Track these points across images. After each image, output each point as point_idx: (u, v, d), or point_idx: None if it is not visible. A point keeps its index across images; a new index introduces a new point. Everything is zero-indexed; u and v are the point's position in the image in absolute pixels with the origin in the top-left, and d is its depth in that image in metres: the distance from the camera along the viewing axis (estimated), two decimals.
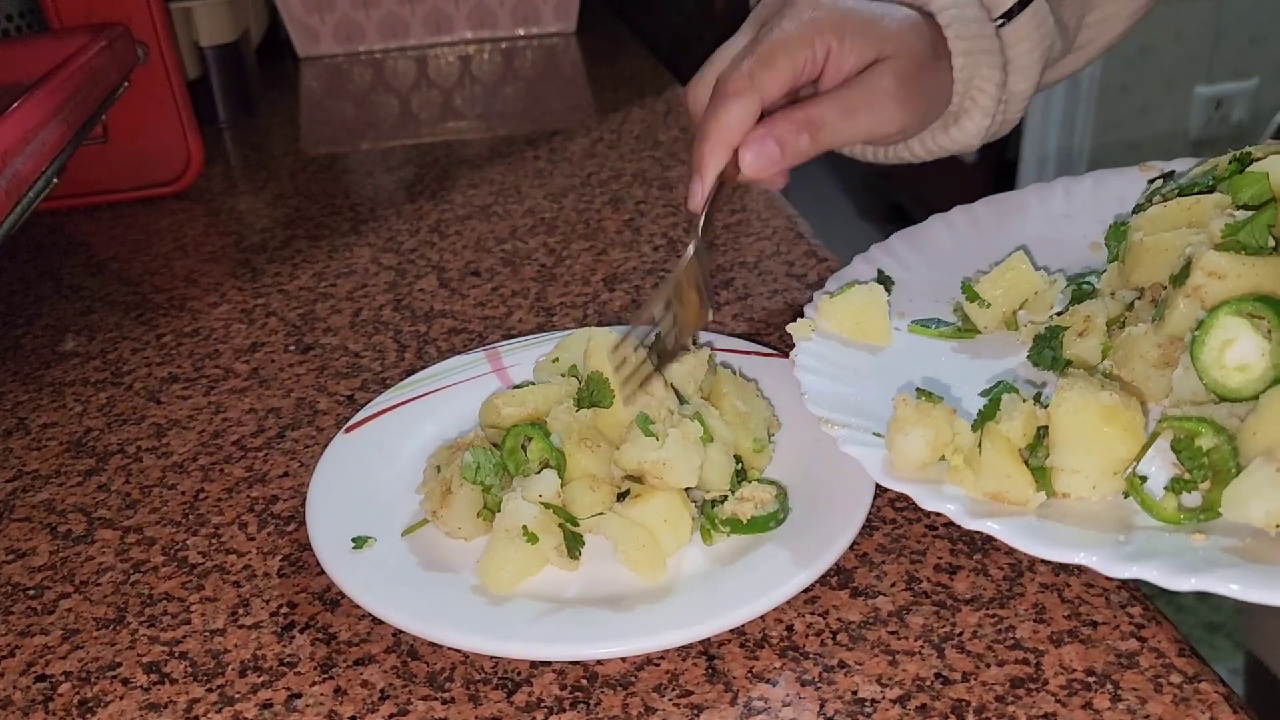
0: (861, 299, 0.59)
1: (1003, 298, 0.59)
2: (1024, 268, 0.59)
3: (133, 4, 0.91)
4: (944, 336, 0.60)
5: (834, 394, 0.53)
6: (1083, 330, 0.54)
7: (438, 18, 1.42)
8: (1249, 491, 0.43)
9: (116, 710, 0.45)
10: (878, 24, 0.56)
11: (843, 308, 0.59)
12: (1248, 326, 0.47)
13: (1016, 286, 0.59)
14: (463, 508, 0.49)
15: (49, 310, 0.81)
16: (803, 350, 0.57)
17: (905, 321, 0.61)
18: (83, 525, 0.56)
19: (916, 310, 0.61)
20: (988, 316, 0.59)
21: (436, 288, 0.79)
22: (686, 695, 0.43)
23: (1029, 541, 0.43)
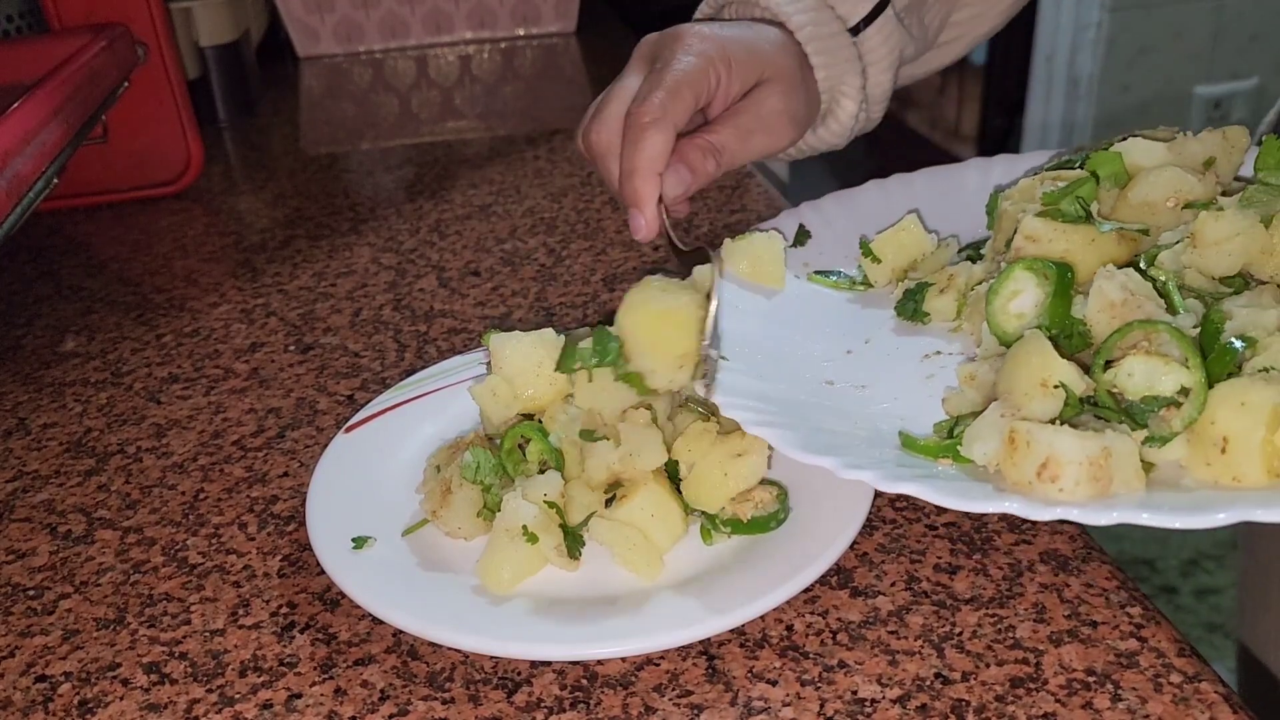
0: (761, 244, 0.62)
1: (894, 255, 0.63)
2: (915, 229, 0.63)
3: (133, 4, 0.91)
4: (837, 287, 0.64)
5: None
6: (944, 288, 0.59)
7: (438, 17, 1.42)
8: (976, 432, 0.46)
9: (116, 710, 0.45)
10: (755, 50, 0.61)
11: (743, 250, 0.62)
12: (1034, 280, 0.52)
13: (906, 246, 0.63)
14: (462, 508, 0.49)
15: (49, 310, 0.81)
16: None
17: (809, 271, 0.65)
18: (83, 525, 0.56)
19: (826, 264, 0.65)
20: (879, 272, 0.63)
21: (436, 287, 0.79)
22: (686, 695, 0.43)
23: (793, 449, 0.46)
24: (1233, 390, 0.43)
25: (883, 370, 0.56)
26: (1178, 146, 0.59)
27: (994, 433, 0.45)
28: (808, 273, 0.65)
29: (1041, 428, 0.44)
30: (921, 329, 0.59)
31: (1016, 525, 0.50)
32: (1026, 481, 0.43)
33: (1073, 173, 0.59)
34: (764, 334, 0.58)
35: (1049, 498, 0.43)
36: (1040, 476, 0.43)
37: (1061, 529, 0.50)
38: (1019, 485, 0.44)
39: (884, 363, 0.57)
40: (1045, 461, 0.43)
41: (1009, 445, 0.44)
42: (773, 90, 0.61)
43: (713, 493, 0.49)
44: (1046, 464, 0.43)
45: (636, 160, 0.56)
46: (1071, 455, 0.43)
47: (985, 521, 0.51)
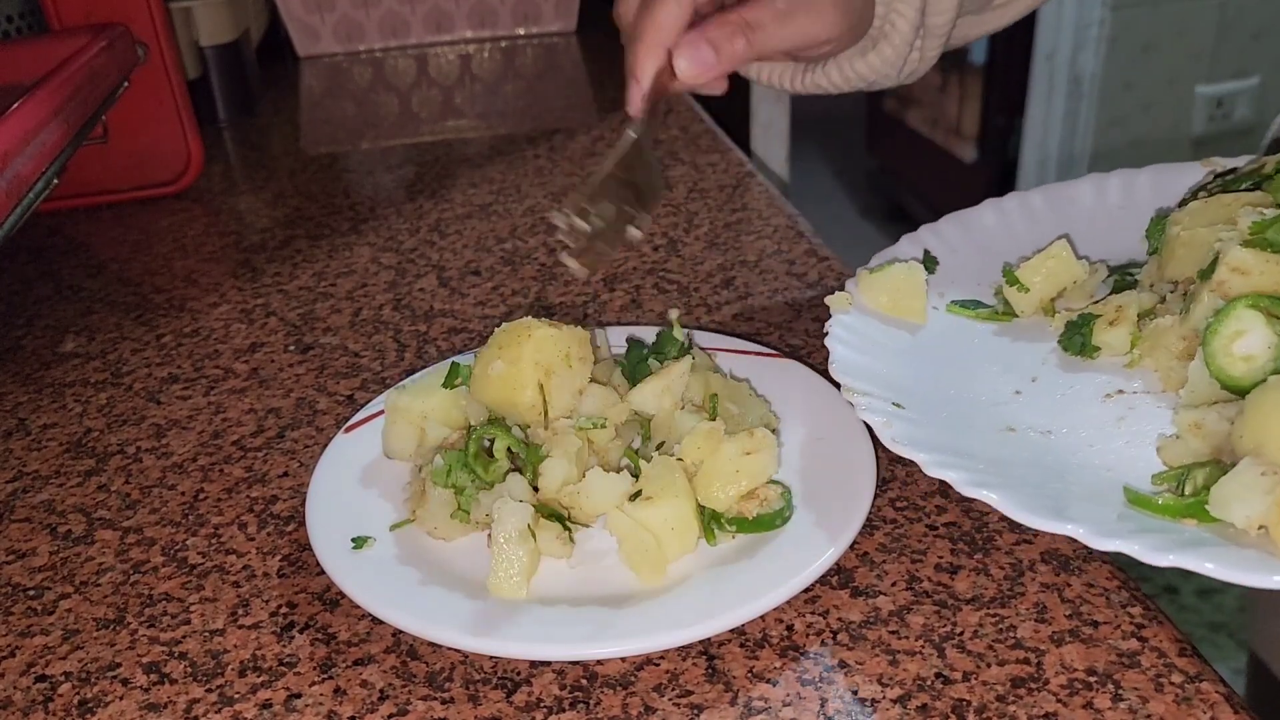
0: (901, 276, 0.59)
1: (1042, 284, 0.59)
2: (1065, 255, 0.59)
3: (133, 4, 0.91)
4: (981, 318, 0.60)
5: (861, 366, 0.54)
6: (1114, 319, 0.55)
7: (438, 16, 1.42)
8: (1232, 493, 0.43)
9: (116, 710, 0.44)
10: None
11: (881, 284, 0.59)
12: (1261, 320, 0.47)
13: (1056, 273, 0.59)
14: (438, 509, 0.49)
15: (49, 311, 0.81)
16: (837, 322, 0.57)
17: (945, 301, 0.61)
18: (83, 526, 0.56)
19: (958, 292, 0.62)
20: (1026, 301, 0.59)
21: (436, 287, 0.79)
22: (686, 695, 0.43)
23: (1022, 513, 0.43)
24: None
25: (1063, 413, 0.52)
26: None
27: (1254, 492, 0.42)
28: (945, 303, 0.61)
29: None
30: (1090, 365, 0.55)
31: (1017, 525, 0.50)
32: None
33: (1253, 194, 0.55)
34: (918, 375, 0.54)
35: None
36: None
37: None
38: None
39: (1061, 404, 0.53)
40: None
41: (1278, 507, 0.41)
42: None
43: (723, 490, 0.48)
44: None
45: (643, 28, 0.53)
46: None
47: (986, 521, 0.50)
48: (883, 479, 0.54)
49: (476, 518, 0.49)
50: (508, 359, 0.52)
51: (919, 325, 0.59)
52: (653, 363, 0.56)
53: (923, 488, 0.53)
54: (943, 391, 0.54)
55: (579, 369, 0.53)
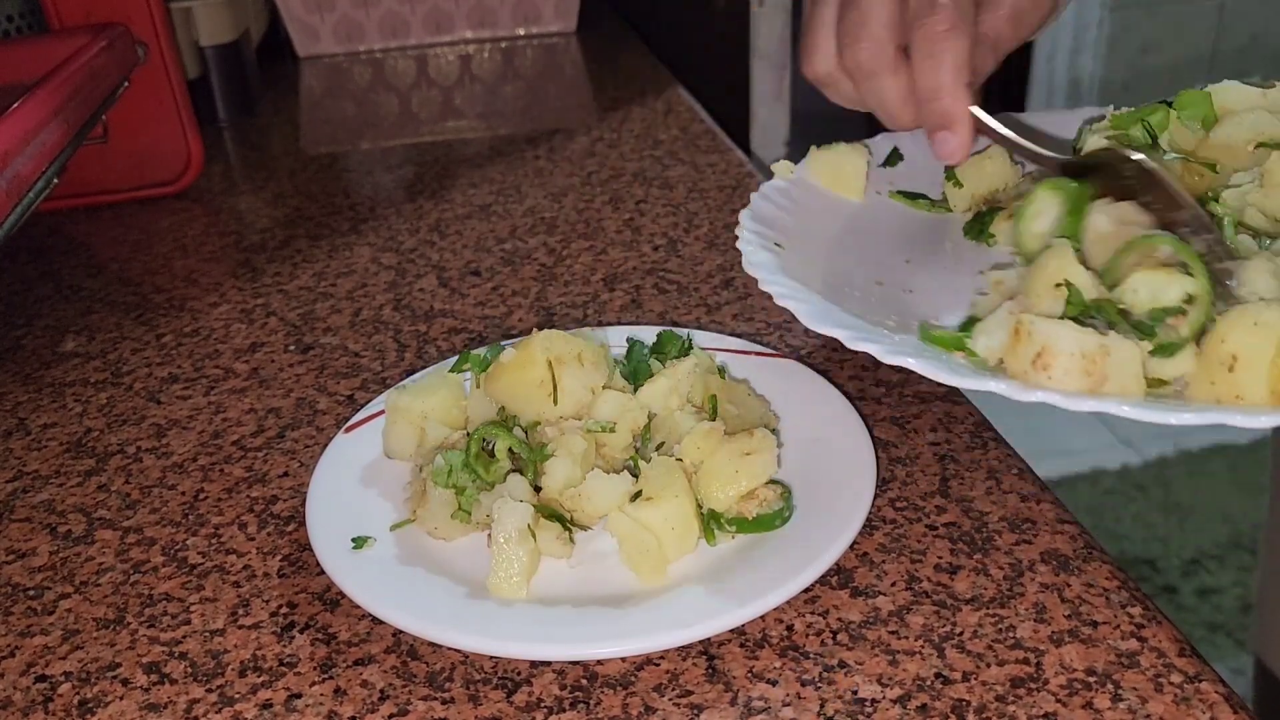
0: (844, 154, 0.65)
1: (975, 181, 0.64)
2: (999, 158, 0.64)
3: (133, 4, 0.91)
4: (916, 206, 0.66)
5: (769, 215, 0.60)
6: (1011, 213, 0.60)
7: (438, 17, 1.42)
8: (985, 326, 0.48)
9: (116, 710, 0.45)
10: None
11: (825, 159, 0.65)
12: (1056, 200, 0.53)
13: (990, 174, 0.64)
14: (438, 509, 0.49)
15: (49, 310, 0.81)
16: (770, 184, 0.64)
17: (892, 189, 0.67)
18: (83, 525, 0.56)
19: (914, 186, 0.67)
20: (959, 196, 0.65)
21: (436, 287, 0.79)
22: (686, 695, 0.43)
23: (820, 323, 0.49)
24: (1247, 311, 0.44)
25: (935, 280, 0.58)
26: (1275, 95, 0.59)
27: (1001, 327, 0.46)
28: (890, 190, 0.67)
29: (1044, 320, 0.45)
30: (986, 250, 0.61)
31: (1017, 525, 0.50)
32: (1023, 371, 0.44)
33: (1155, 108, 0.59)
34: (828, 233, 0.61)
35: (1037, 384, 0.44)
36: (1035, 365, 0.44)
37: (1062, 529, 0.50)
38: (1016, 376, 0.45)
39: (938, 274, 0.59)
40: (1040, 351, 0.44)
41: (1013, 337, 0.45)
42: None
43: (723, 490, 0.49)
44: (1041, 353, 0.44)
45: (941, 76, 0.51)
46: (1065, 346, 0.44)
47: (986, 521, 0.51)
48: (883, 479, 0.54)
49: (477, 518, 0.49)
50: (518, 348, 0.53)
51: (855, 202, 0.65)
52: (654, 363, 0.56)
53: (923, 488, 0.53)
54: (841, 249, 0.60)
55: (591, 371, 0.53)
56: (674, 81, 1.24)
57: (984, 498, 0.52)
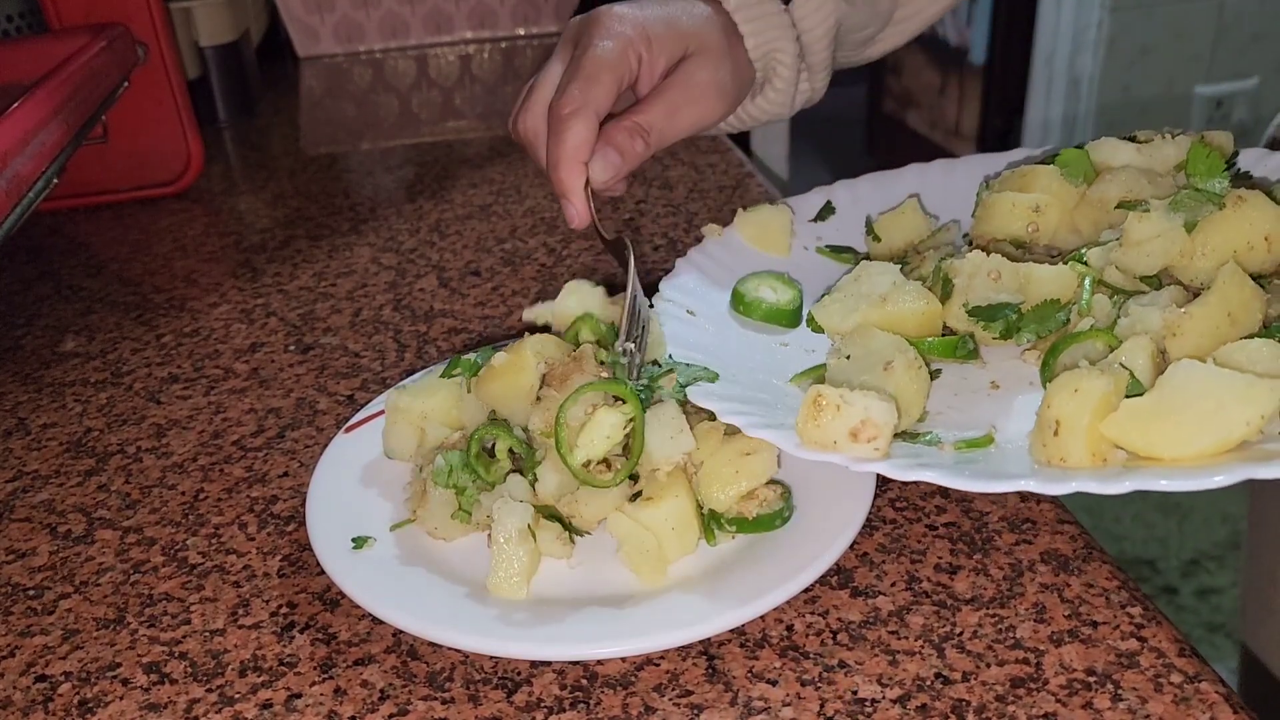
0: (768, 214, 0.68)
1: (893, 235, 0.66)
2: (913, 212, 0.66)
3: (133, 4, 0.91)
4: (841, 260, 0.67)
5: (688, 284, 0.63)
6: (915, 267, 0.62)
7: (438, 17, 1.42)
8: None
9: (116, 710, 0.44)
10: (677, 25, 0.61)
11: (751, 219, 0.68)
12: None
13: (906, 228, 0.66)
14: (438, 509, 0.49)
15: (49, 310, 0.81)
16: (698, 248, 0.66)
17: (820, 244, 0.69)
18: (83, 525, 0.56)
19: (846, 240, 0.69)
20: (879, 250, 0.67)
21: (436, 287, 0.79)
22: (686, 695, 0.43)
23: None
24: (1070, 379, 0.46)
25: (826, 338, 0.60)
26: (1150, 149, 0.61)
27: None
28: (818, 245, 0.68)
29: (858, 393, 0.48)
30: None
31: (1017, 525, 0.50)
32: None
33: (1045, 168, 0.61)
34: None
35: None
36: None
37: (1062, 529, 0.50)
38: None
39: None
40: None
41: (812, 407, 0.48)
42: (698, 63, 0.60)
43: (723, 490, 0.49)
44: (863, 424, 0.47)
45: (560, 152, 0.57)
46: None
47: (986, 521, 0.51)
48: (883, 479, 0.54)
49: (477, 519, 0.49)
50: (509, 352, 0.53)
51: (781, 258, 0.67)
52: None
53: (923, 488, 0.53)
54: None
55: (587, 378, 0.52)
56: None
57: (984, 498, 0.52)
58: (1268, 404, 0.43)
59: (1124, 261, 0.54)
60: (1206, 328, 0.49)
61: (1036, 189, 0.61)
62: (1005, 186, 0.62)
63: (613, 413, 0.49)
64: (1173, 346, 0.49)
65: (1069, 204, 0.60)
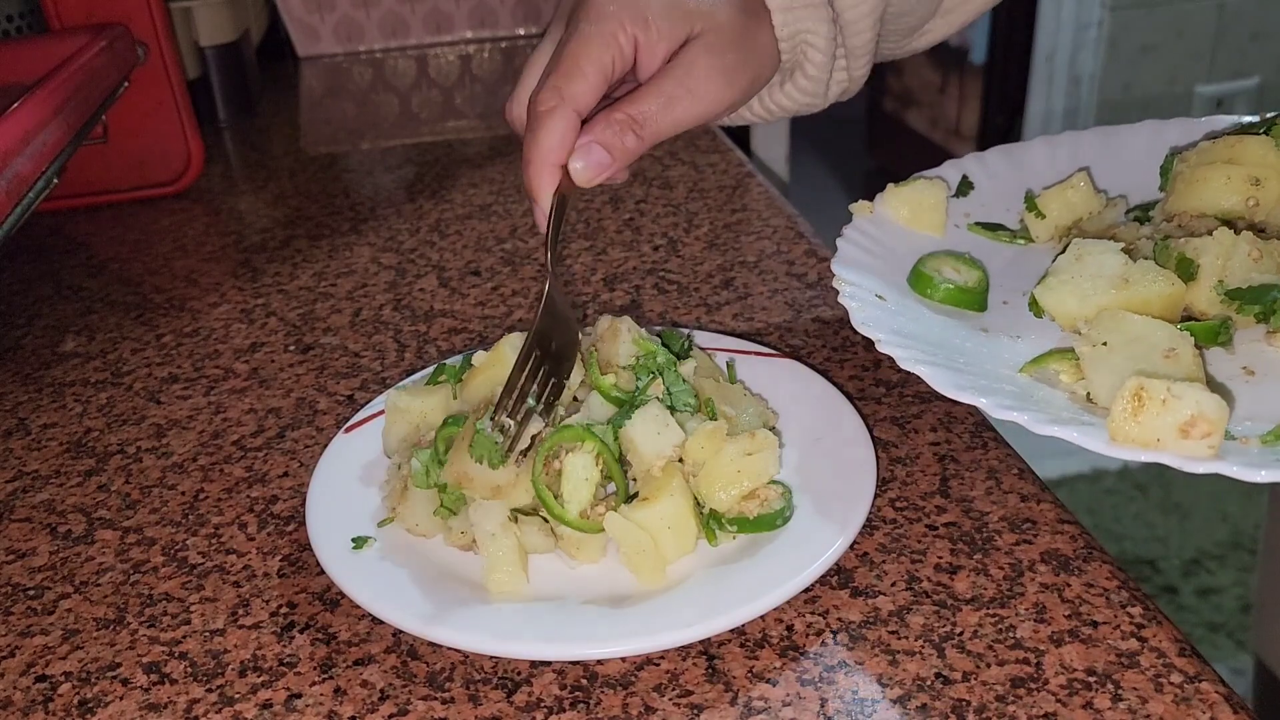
0: (922, 189, 0.64)
1: (1059, 212, 0.62)
2: (1083, 186, 0.62)
3: (133, 4, 0.91)
4: (998, 239, 0.64)
5: (861, 262, 0.59)
6: (1131, 245, 0.57)
7: (438, 17, 1.42)
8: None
9: (116, 710, 0.45)
10: (680, 3, 0.54)
11: (903, 197, 0.64)
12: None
13: (1073, 203, 0.62)
14: (419, 506, 0.50)
15: (49, 310, 0.81)
16: (852, 226, 0.62)
17: (969, 221, 0.65)
18: (83, 525, 0.56)
19: (988, 216, 0.65)
20: (1042, 227, 0.63)
21: (436, 287, 0.79)
22: (686, 695, 0.43)
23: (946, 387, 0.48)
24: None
25: (1040, 324, 0.56)
26: None
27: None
28: (968, 223, 0.65)
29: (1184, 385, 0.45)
30: None
31: (1018, 525, 0.50)
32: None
33: (1258, 137, 0.57)
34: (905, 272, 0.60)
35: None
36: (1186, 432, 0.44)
37: (1062, 529, 0.50)
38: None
39: (1031, 318, 0.57)
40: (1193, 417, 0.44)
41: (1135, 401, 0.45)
42: (703, 47, 0.54)
43: (725, 490, 0.48)
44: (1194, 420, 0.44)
45: (531, 152, 0.53)
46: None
47: (986, 521, 0.51)
48: (883, 479, 0.54)
49: (460, 542, 0.49)
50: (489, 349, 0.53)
51: (935, 238, 0.63)
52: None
53: (923, 488, 0.53)
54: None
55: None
56: None
57: (984, 498, 0.52)
58: None
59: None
60: None
61: (1248, 161, 0.57)
62: (1210, 158, 0.58)
63: (577, 455, 0.48)
64: None
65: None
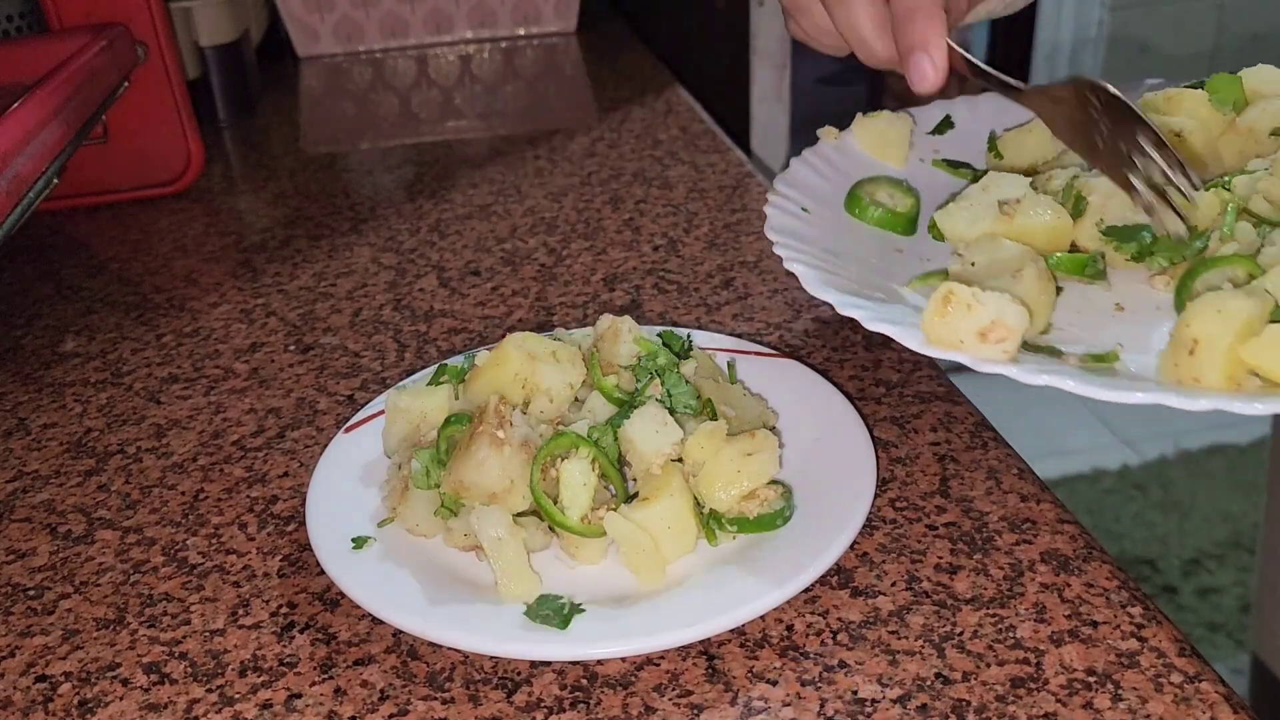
0: (888, 121, 0.67)
1: (1015, 154, 0.65)
2: (1041, 132, 0.64)
3: (133, 4, 0.91)
4: (958, 175, 0.66)
5: (804, 179, 0.62)
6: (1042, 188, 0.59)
7: (438, 17, 1.42)
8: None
9: (116, 710, 0.45)
10: None
11: (869, 126, 0.67)
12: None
13: (1030, 147, 0.65)
14: (419, 506, 0.50)
15: (49, 310, 0.81)
16: (813, 149, 0.65)
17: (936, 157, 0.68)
18: (83, 525, 0.56)
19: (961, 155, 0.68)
20: (1001, 167, 0.65)
21: (436, 287, 0.79)
22: (686, 695, 0.43)
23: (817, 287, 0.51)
24: (1214, 298, 0.45)
25: (944, 247, 0.58)
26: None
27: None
28: (935, 158, 0.68)
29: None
30: None
31: (1017, 525, 0.50)
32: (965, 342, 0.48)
33: (1194, 91, 0.59)
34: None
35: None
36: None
37: (1062, 529, 0.50)
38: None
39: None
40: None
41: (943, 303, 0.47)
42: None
43: (725, 490, 0.48)
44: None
45: (920, 3, 0.51)
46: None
47: (986, 521, 0.51)
48: (883, 479, 0.54)
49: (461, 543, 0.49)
50: (492, 350, 0.53)
51: (897, 168, 0.66)
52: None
53: (922, 488, 0.53)
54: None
55: (569, 368, 0.52)
56: (674, 81, 1.24)
57: (984, 498, 0.52)
58: None
59: (1274, 192, 0.52)
60: None
61: (1181, 113, 0.59)
62: (1147, 110, 0.60)
63: (573, 461, 0.48)
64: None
65: (1214, 131, 0.58)
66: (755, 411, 0.54)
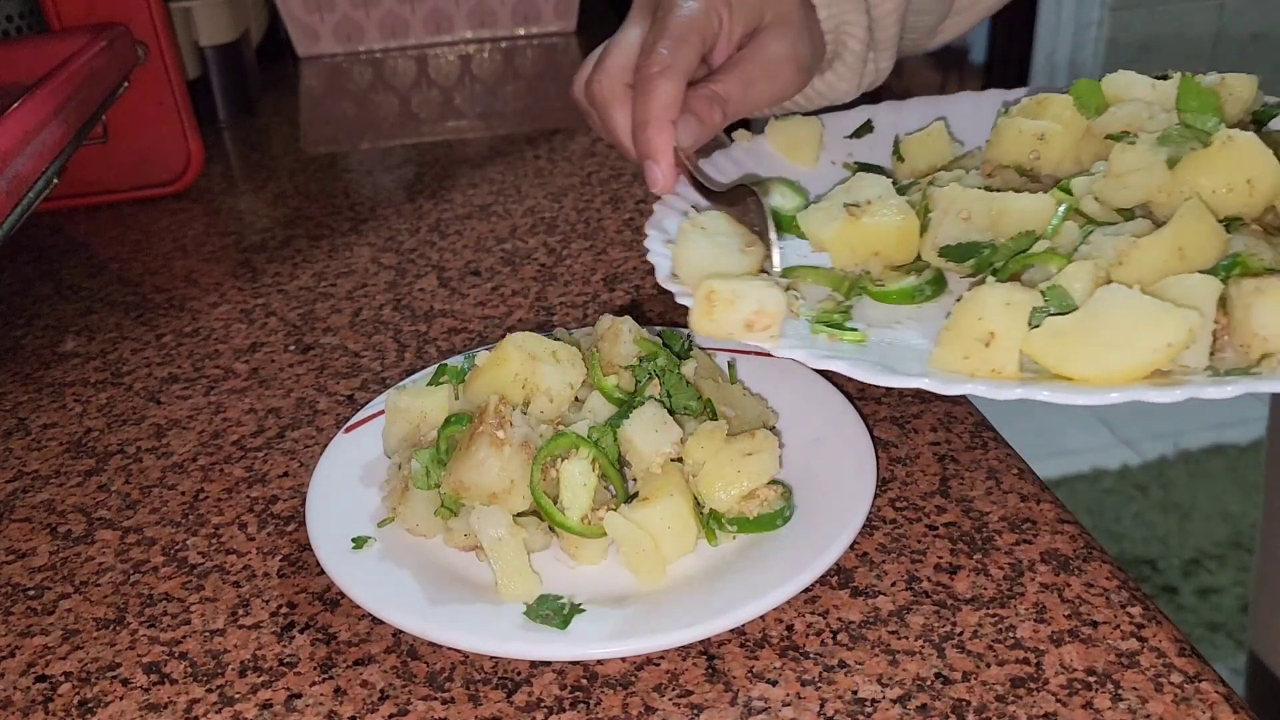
0: (799, 124, 0.69)
1: (916, 156, 0.67)
2: (938, 134, 0.67)
3: (133, 4, 0.91)
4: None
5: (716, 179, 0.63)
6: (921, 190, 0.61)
7: (438, 17, 1.42)
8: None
9: (116, 710, 0.45)
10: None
11: (781, 129, 0.70)
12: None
13: (929, 151, 0.67)
14: (419, 506, 0.50)
15: (49, 310, 0.81)
16: (723, 150, 0.68)
17: (851, 160, 0.70)
18: (83, 525, 0.56)
19: (880, 159, 0.70)
20: (901, 170, 0.68)
21: (436, 287, 0.79)
22: (686, 695, 0.43)
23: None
24: (1000, 291, 0.46)
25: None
26: (1167, 86, 0.60)
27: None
28: (846, 161, 0.70)
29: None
30: None
31: (1017, 525, 0.50)
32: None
33: (1062, 96, 0.61)
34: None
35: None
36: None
37: (1062, 529, 0.50)
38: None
39: None
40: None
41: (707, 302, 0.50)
42: (775, 34, 0.59)
43: (725, 490, 0.48)
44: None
45: (649, 110, 0.56)
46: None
47: (986, 521, 0.51)
48: (883, 479, 0.54)
49: (461, 543, 0.49)
50: (492, 350, 0.53)
51: (807, 169, 0.69)
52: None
53: (923, 488, 0.53)
54: None
55: (568, 368, 0.52)
56: None
57: (984, 498, 0.52)
58: (1176, 332, 0.43)
59: (1104, 193, 0.54)
60: (1154, 259, 0.48)
61: (1047, 117, 0.60)
62: (1019, 113, 0.62)
63: (573, 461, 0.48)
64: (1118, 274, 0.48)
65: (1076, 134, 0.60)
66: (755, 411, 0.54)
